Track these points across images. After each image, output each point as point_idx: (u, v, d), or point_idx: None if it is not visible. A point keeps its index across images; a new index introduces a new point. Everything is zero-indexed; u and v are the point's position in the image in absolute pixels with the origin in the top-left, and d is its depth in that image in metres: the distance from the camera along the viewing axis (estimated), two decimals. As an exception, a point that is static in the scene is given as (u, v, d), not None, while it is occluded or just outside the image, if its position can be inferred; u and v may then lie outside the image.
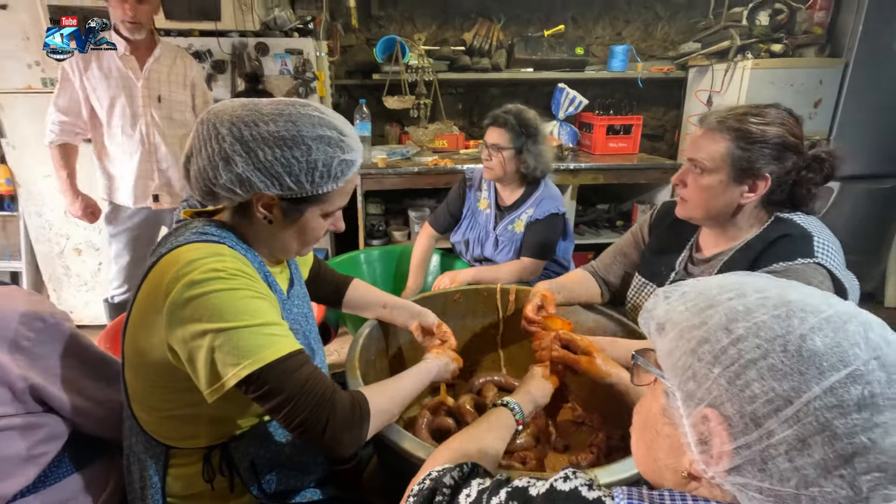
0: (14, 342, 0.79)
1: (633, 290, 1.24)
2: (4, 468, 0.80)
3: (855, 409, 0.36)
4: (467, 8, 3.19)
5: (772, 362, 0.39)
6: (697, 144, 1.02)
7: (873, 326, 0.40)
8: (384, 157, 2.62)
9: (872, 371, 0.37)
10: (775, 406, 0.38)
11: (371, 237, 2.91)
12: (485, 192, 1.90)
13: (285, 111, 0.77)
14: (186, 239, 0.78)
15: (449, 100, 3.35)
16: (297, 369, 0.75)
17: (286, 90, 2.54)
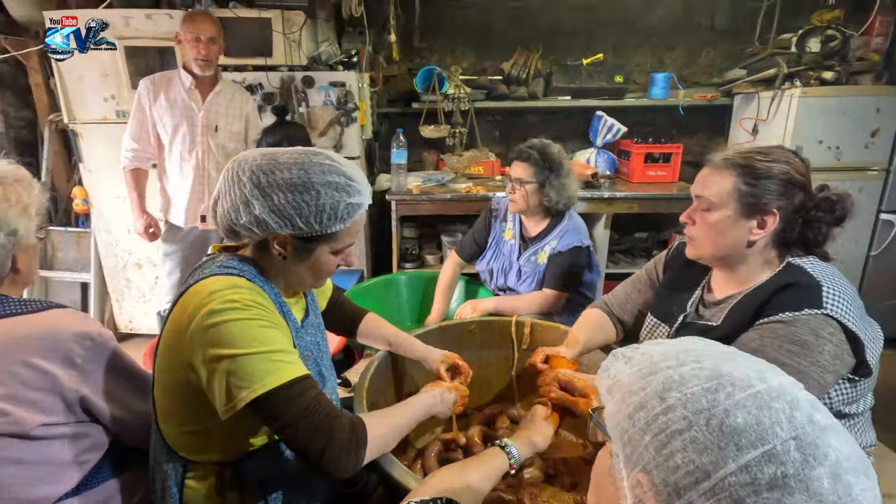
0: (68, 358, 0.89)
1: (645, 330, 1.23)
2: (55, 472, 0.90)
3: (766, 488, 0.37)
4: (507, 39, 3.27)
5: (694, 434, 0.40)
6: (703, 182, 1.03)
7: (801, 405, 0.41)
8: (418, 184, 2.70)
9: (788, 451, 0.38)
10: (695, 478, 0.39)
11: (405, 260, 2.99)
12: (510, 223, 1.93)
13: (299, 160, 0.86)
14: (211, 271, 0.87)
15: (486, 127, 3.42)
16: (301, 394, 0.81)
17: (328, 120, 2.69)
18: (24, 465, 0.85)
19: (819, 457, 0.38)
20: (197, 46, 2.10)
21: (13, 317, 0.87)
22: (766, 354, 0.92)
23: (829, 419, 0.42)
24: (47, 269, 3.04)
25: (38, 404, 0.85)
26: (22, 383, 0.84)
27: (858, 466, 0.39)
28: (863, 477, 0.39)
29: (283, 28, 2.54)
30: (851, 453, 0.39)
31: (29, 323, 0.87)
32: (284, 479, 0.96)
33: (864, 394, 1.03)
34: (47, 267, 3.05)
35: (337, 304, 1.25)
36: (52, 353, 0.87)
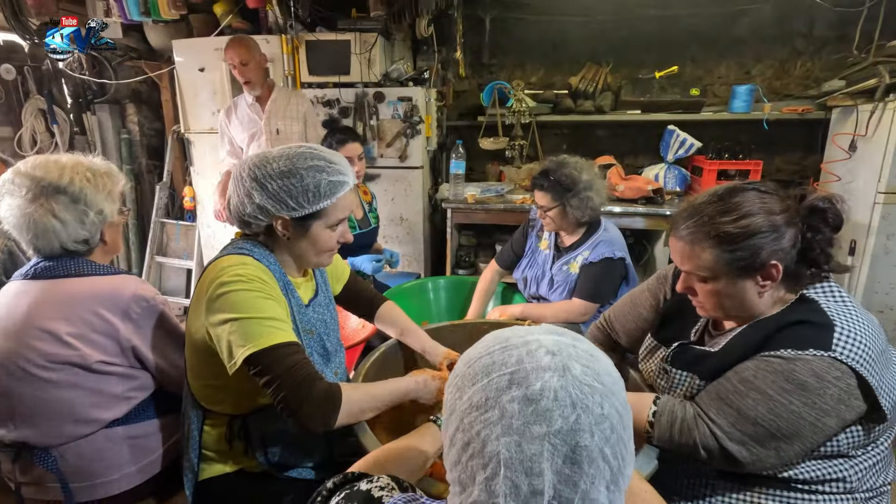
0: (126, 313, 1.12)
1: (643, 351, 1.19)
2: (106, 401, 1.12)
3: (475, 408, 0.49)
4: (577, 54, 3.27)
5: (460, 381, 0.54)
6: (682, 257, 0.96)
7: (535, 352, 0.50)
8: (474, 194, 2.80)
9: (500, 381, 0.49)
10: (449, 411, 0.53)
11: (459, 266, 3.09)
12: (546, 234, 1.96)
13: (285, 153, 1.02)
14: (227, 251, 1.05)
15: (553, 140, 3.43)
16: (287, 356, 0.95)
17: (395, 132, 2.90)
18: (85, 390, 1.08)
19: (521, 384, 0.48)
20: (235, 72, 2.41)
21: (93, 276, 1.11)
22: (757, 387, 0.87)
23: (556, 358, 0.49)
24: (161, 255, 3.59)
25: (98, 344, 1.09)
26: (89, 327, 1.07)
27: (568, 399, 0.47)
28: (568, 409, 0.46)
29: (359, 48, 2.80)
30: (565, 384, 0.47)
31: (102, 282, 1.11)
32: (283, 437, 1.09)
33: (881, 436, 0.93)
34: (161, 254, 3.60)
35: (355, 288, 1.39)
36: (114, 307, 1.10)
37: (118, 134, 3.56)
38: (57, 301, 1.07)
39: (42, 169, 1.07)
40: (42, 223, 1.05)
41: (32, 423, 1.07)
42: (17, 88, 3.15)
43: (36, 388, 1.06)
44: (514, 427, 0.46)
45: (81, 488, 1.11)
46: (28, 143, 3.21)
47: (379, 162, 2.97)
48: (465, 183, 2.91)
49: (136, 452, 1.15)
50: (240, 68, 2.38)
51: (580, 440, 0.45)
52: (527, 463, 0.45)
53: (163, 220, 3.54)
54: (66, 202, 1.07)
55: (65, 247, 1.09)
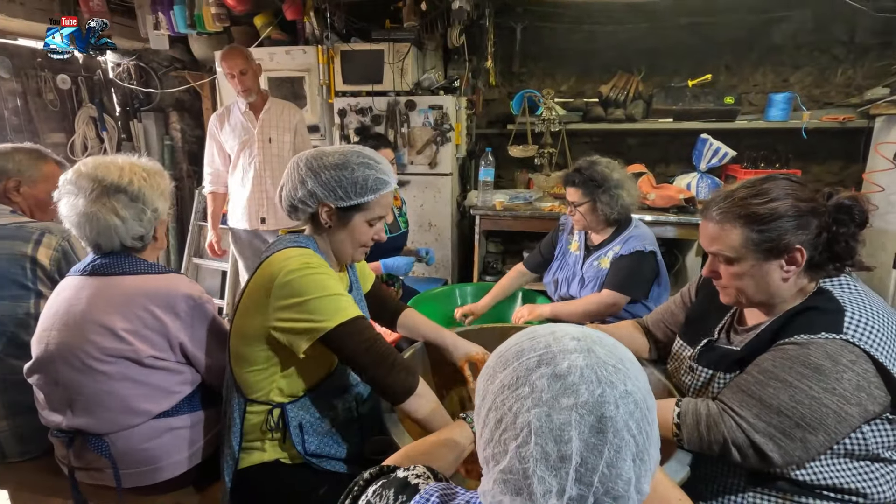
0: (175, 311, 1.17)
1: (673, 351, 1.20)
2: (156, 394, 1.19)
3: (508, 388, 0.53)
4: (608, 62, 3.27)
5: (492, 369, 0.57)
6: (709, 238, 0.99)
7: (561, 338, 0.54)
8: (502, 200, 2.82)
9: (530, 362, 0.53)
10: (481, 397, 0.57)
11: (486, 273, 3.11)
12: (576, 235, 1.98)
13: (340, 150, 1.11)
14: (286, 245, 1.11)
15: (582, 148, 3.42)
16: (363, 330, 1.04)
17: (426, 139, 2.95)
18: (137, 383, 1.15)
19: (550, 363, 0.51)
20: (233, 81, 2.45)
21: (145, 275, 1.18)
22: (777, 376, 0.88)
23: (581, 342, 0.53)
24: (198, 257, 3.73)
25: (150, 340, 1.15)
26: (142, 323, 1.14)
27: (593, 376, 0.50)
28: (594, 384, 0.49)
29: (392, 58, 2.87)
30: (590, 363, 0.51)
31: (154, 280, 1.18)
32: (319, 428, 1.14)
33: None
34: (198, 255, 3.73)
35: (379, 295, 1.43)
36: (166, 306, 1.16)
37: (161, 140, 3.73)
38: (113, 297, 1.13)
39: (103, 170, 1.13)
40: (105, 221, 1.11)
41: (88, 411, 1.14)
42: (71, 97, 3.35)
43: (92, 379, 1.12)
44: (544, 399, 0.49)
45: (129, 474, 1.17)
46: (80, 148, 3.40)
47: (409, 168, 3.02)
48: (493, 190, 2.94)
49: (180, 443, 1.21)
50: (239, 77, 2.41)
51: (605, 411, 0.49)
52: (556, 431, 0.48)
53: (200, 223, 3.67)
54: (126, 201, 1.13)
55: (123, 243, 1.16)
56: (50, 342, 1.13)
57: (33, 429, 1.26)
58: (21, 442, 1.34)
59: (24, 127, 3.12)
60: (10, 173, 1.39)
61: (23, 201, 1.41)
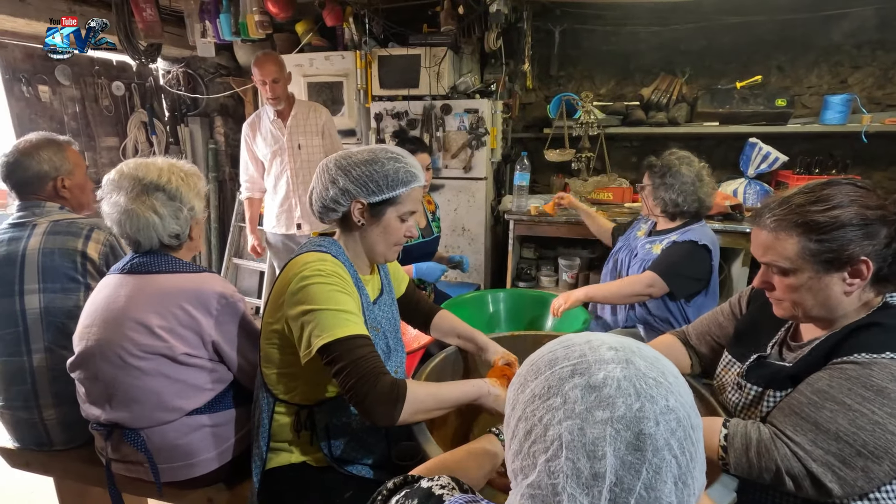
0: (208, 310, 1.20)
1: (721, 367, 1.12)
2: (190, 391, 1.21)
3: (539, 398, 0.49)
4: (650, 63, 3.17)
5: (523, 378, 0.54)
6: (762, 247, 0.91)
7: (597, 346, 0.50)
8: (537, 206, 2.77)
9: (563, 371, 0.50)
10: (511, 406, 0.53)
11: (519, 279, 3.06)
12: (646, 225, 2.00)
13: (367, 148, 1.11)
14: (307, 248, 1.11)
15: (622, 153, 3.33)
16: (357, 347, 0.99)
17: (461, 143, 2.94)
18: (171, 380, 1.17)
19: (584, 373, 0.48)
20: (264, 88, 2.46)
21: (180, 273, 1.21)
22: (834, 397, 0.81)
23: (619, 353, 0.49)
24: (238, 257, 3.83)
25: (184, 338, 1.17)
26: (177, 321, 1.16)
27: (632, 389, 0.46)
28: (632, 398, 0.46)
29: (429, 62, 2.87)
30: (628, 374, 0.47)
31: (188, 279, 1.20)
32: (346, 430, 1.13)
33: None
34: (238, 256, 3.84)
35: (413, 298, 1.41)
36: (199, 304, 1.18)
37: (206, 144, 3.87)
38: (150, 295, 1.16)
39: (143, 169, 1.18)
40: (144, 218, 1.15)
41: (125, 406, 1.17)
42: (124, 103, 3.52)
43: (129, 375, 1.15)
44: (577, 412, 0.46)
45: (164, 469, 1.20)
46: (131, 151, 3.56)
47: (444, 173, 3.01)
48: (528, 195, 2.89)
49: (213, 440, 1.23)
50: (270, 85, 2.41)
51: (644, 427, 0.45)
52: (589, 446, 0.45)
53: (241, 224, 3.78)
54: (164, 199, 1.17)
55: (161, 240, 1.19)
56: (90, 338, 1.17)
57: (77, 418, 1.30)
58: (66, 431, 1.39)
59: (82, 131, 3.30)
60: (52, 174, 1.44)
61: (69, 194, 1.48)
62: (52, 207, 1.44)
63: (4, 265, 1.35)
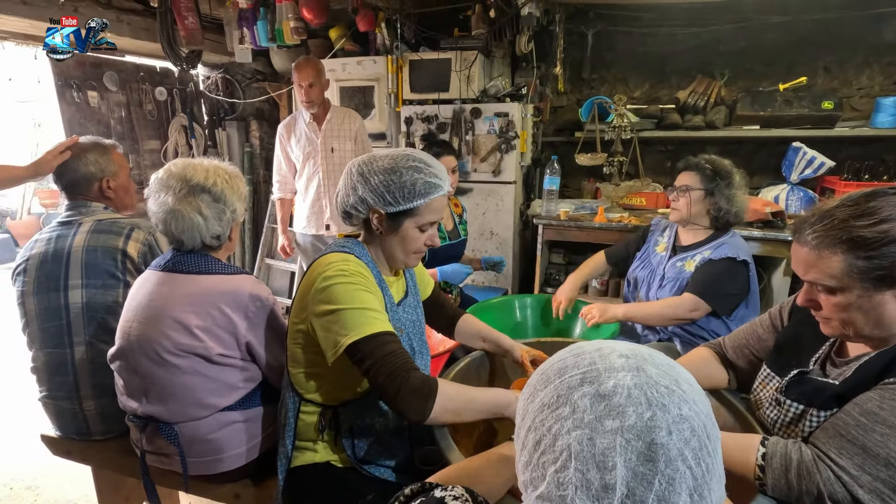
0: (244, 311, 1.22)
1: (758, 381, 1.07)
2: (223, 389, 1.23)
3: (548, 407, 0.48)
4: (687, 65, 3.09)
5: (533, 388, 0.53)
6: (804, 264, 0.86)
7: (608, 355, 0.49)
8: (567, 210, 2.73)
9: (572, 380, 0.49)
10: (521, 416, 0.53)
11: (547, 284, 3.02)
12: (665, 237, 1.89)
13: (390, 155, 1.09)
14: (331, 249, 1.12)
15: (655, 157, 3.25)
16: (385, 344, 0.99)
17: (490, 147, 2.92)
18: (206, 378, 1.20)
19: (594, 382, 0.47)
20: (300, 92, 2.51)
21: (219, 274, 1.23)
22: (885, 420, 0.75)
23: (630, 360, 0.48)
24: (270, 258, 3.92)
25: (220, 339, 1.20)
26: (214, 321, 1.19)
27: (643, 397, 0.45)
28: (643, 406, 0.44)
29: (459, 66, 2.88)
30: (639, 382, 0.46)
31: (226, 280, 1.23)
32: (370, 432, 1.14)
33: None
34: (270, 257, 3.93)
35: (437, 301, 1.41)
36: (235, 305, 1.20)
37: (242, 147, 3.98)
38: (188, 295, 1.19)
39: (191, 171, 1.21)
40: (189, 218, 1.18)
41: (160, 400, 1.21)
42: (166, 107, 3.66)
43: (166, 371, 1.19)
44: (586, 421, 0.45)
45: (194, 463, 1.23)
46: (171, 154, 3.70)
47: (472, 176, 3.01)
48: (558, 199, 2.85)
49: (241, 436, 1.25)
50: (307, 89, 2.48)
51: (656, 437, 0.43)
52: (599, 457, 0.43)
53: (273, 225, 3.87)
54: (209, 201, 1.20)
55: (203, 241, 1.23)
56: (131, 333, 1.21)
57: (115, 410, 1.35)
58: (104, 422, 1.45)
59: (127, 134, 3.45)
60: (98, 175, 1.50)
61: (114, 195, 1.54)
62: (98, 207, 1.50)
63: (52, 261, 1.41)
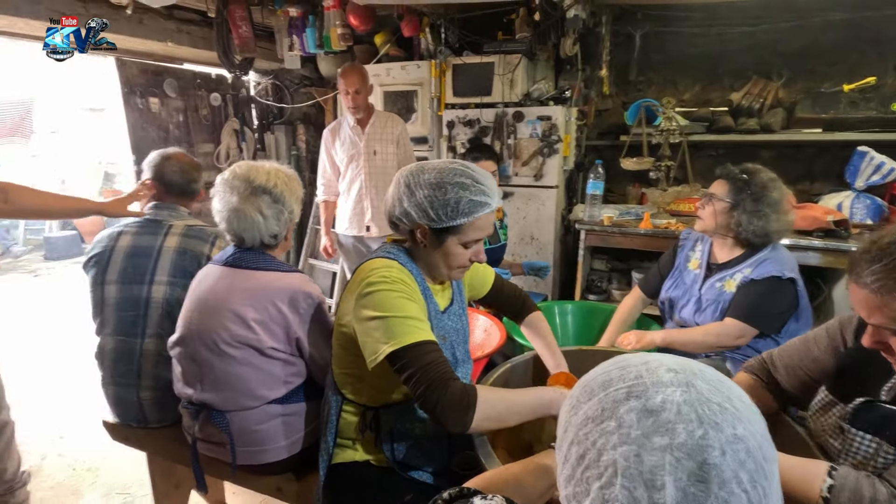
0: (296, 308, 1.27)
1: (816, 407, 0.99)
2: (271, 381, 1.28)
3: (592, 420, 0.47)
4: (741, 66, 2.96)
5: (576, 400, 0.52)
6: (866, 307, 0.79)
7: (655, 368, 0.48)
8: (611, 216, 2.66)
9: (618, 393, 0.47)
10: (563, 429, 0.52)
11: (590, 292, 2.95)
12: (697, 252, 1.77)
13: (438, 167, 1.07)
14: (377, 254, 1.13)
15: (705, 162, 3.13)
16: (426, 354, 0.98)
17: (532, 151, 2.90)
18: (257, 370, 1.25)
19: (640, 396, 0.45)
20: (346, 98, 2.56)
21: (275, 272, 1.29)
22: None
23: (679, 375, 0.46)
24: (313, 258, 4.03)
25: (274, 333, 1.24)
26: (268, 316, 1.24)
27: (693, 415, 0.43)
28: (694, 424, 0.42)
29: (502, 69, 2.87)
30: (688, 399, 0.44)
31: (282, 278, 1.28)
32: (409, 435, 1.14)
33: None
34: (313, 256, 4.04)
35: (503, 290, 1.41)
36: (290, 302, 1.25)
37: (289, 150, 4.12)
38: (247, 290, 1.25)
39: (254, 173, 1.28)
40: (250, 217, 1.25)
41: (215, 389, 1.26)
42: (220, 112, 3.83)
43: (221, 360, 1.24)
44: (633, 437, 0.43)
45: (240, 452, 1.28)
46: (223, 157, 3.87)
47: (514, 180, 2.99)
48: (601, 204, 2.79)
49: (286, 430, 1.29)
50: (353, 95, 2.54)
51: (708, 457, 0.41)
52: (646, 475, 0.42)
53: (316, 227, 3.97)
54: (269, 201, 1.27)
55: (262, 239, 1.29)
56: (192, 322, 1.28)
57: (170, 401, 1.43)
58: (160, 411, 1.53)
59: (184, 138, 3.63)
60: (197, 190, 1.67)
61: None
62: (184, 212, 1.65)
63: (139, 255, 1.52)
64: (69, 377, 2.88)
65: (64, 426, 2.39)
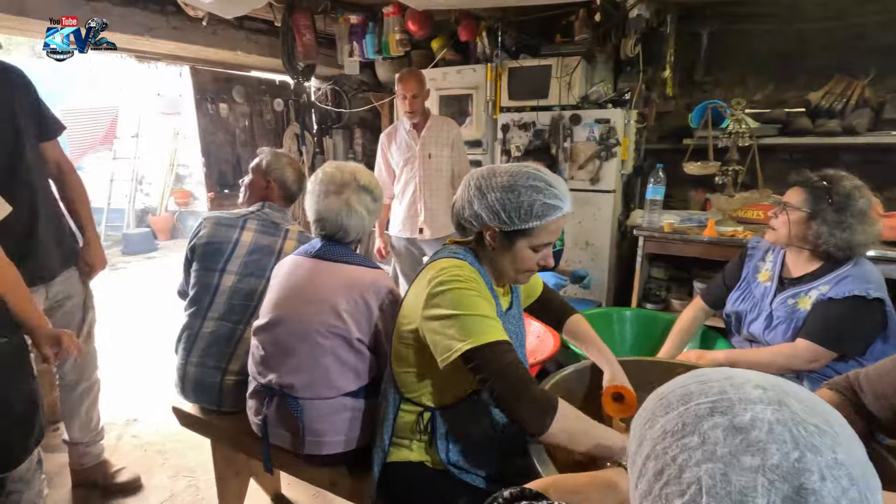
0: (380, 302, 1.31)
1: None
2: (348, 374, 1.30)
3: (671, 434, 0.45)
4: (820, 64, 2.76)
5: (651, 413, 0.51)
6: None
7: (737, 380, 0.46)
8: (672, 222, 2.55)
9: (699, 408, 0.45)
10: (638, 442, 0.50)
11: (647, 300, 2.84)
12: (768, 263, 1.64)
13: (511, 170, 1.07)
14: (444, 255, 1.14)
15: (777, 167, 2.93)
16: (502, 354, 0.99)
17: (589, 154, 2.83)
18: (339, 361, 1.29)
19: (726, 413, 0.43)
20: (404, 103, 2.60)
21: (362, 266, 1.34)
22: None
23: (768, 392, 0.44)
24: (366, 258, 4.13)
25: (360, 323, 1.29)
26: (357, 308, 1.28)
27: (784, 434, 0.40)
28: (789, 445, 0.40)
29: (560, 72, 2.82)
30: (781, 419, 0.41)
31: (368, 272, 1.33)
32: (464, 439, 1.14)
33: None
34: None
35: (548, 300, 1.41)
36: (374, 295, 1.30)
37: (346, 154, 4.24)
38: (339, 280, 1.30)
39: (349, 172, 1.35)
40: (359, 213, 1.33)
41: (297, 375, 1.29)
42: (282, 118, 4.01)
43: (309, 347, 1.28)
44: (719, 454, 0.41)
45: (307, 441, 1.31)
46: (285, 160, 4.04)
47: (569, 184, 2.90)
48: (661, 210, 2.67)
49: (350, 424, 1.32)
50: (410, 100, 2.60)
51: (806, 482, 0.38)
52: (736, 495, 0.39)
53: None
54: (369, 200, 1.35)
55: (358, 236, 1.36)
56: (285, 308, 1.33)
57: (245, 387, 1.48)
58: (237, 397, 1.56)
59: (248, 142, 3.83)
60: (297, 196, 1.77)
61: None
62: (289, 216, 1.75)
63: (261, 252, 1.60)
64: (143, 366, 3.09)
65: (137, 411, 2.57)
